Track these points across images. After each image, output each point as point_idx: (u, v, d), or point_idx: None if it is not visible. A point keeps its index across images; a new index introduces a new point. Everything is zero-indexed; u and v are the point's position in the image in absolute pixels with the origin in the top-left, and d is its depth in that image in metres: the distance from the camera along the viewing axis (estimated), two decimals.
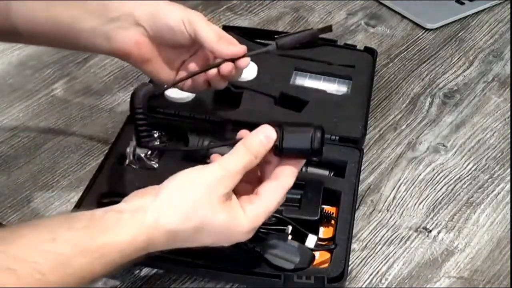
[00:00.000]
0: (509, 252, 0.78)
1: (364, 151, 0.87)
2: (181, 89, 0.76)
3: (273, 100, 0.92)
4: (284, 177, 0.62)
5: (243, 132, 0.64)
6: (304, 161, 0.65)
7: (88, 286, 0.55)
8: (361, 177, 0.84)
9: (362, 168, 0.85)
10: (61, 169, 0.87)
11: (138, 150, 0.83)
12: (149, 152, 0.83)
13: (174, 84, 0.73)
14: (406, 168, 0.89)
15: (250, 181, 0.64)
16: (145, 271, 0.75)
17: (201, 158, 0.82)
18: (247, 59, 0.71)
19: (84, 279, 0.54)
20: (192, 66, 0.74)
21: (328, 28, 0.74)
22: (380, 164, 0.89)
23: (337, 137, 0.86)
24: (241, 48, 0.70)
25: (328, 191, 0.79)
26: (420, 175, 0.88)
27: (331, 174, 0.83)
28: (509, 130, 0.94)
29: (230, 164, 0.60)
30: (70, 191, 0.84)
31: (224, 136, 0.85)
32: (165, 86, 0.75)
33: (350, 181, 0.81)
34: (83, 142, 0.91)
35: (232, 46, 0.70)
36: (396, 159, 0.90)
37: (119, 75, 1.02)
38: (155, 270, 0.75)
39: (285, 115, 0.89)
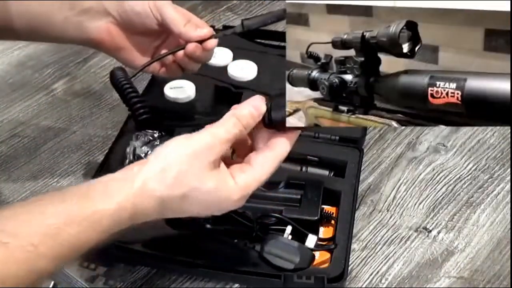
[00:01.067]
0: (509, 252, 0.78)
1: (364, 151, 0.87)
2: (157, 74, 0.78)
3: None
4: (278, 147, 0.62)
5: (236, 106, 0.63)
6: (299, 132, 0.64)
7: (81, 255, 0.56)
8: (361, 177, 0.84)
9: (362, 168, 0.85)
10: (61, 169, 0.87)
11: (138, 150, 0.83)
12: (149, 152, 0.83)
13: (143, 68, 0.74)
14: (406, 168, 0.89)
15: (241, 151, 0.64)
16: (145, 271, 0.75)
17: None
18: (214, 40, 0.72)
19: (77, 249, 0.55)
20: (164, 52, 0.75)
21: None
22: (380, 164, 0.89)
23: (337, 137, 0.86)
24: (207, 31, 0.72)
25: (328, 191, 0.79)
26: (420, 175, 0.88)
27: (331, 174, 0.83)
28: (509, 130, 0.94)
29: (219, 132, 0.59)
30: None
31: None
32: (137, 70, 0.75)
33: (350, 181, 0.81)
34: (83, 142, 0.91)
35: (199, 29, 0.71)
36: (396, 159, 0.90)
37: None
38: (155, 270, 0.75)
39: None
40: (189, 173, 0.57)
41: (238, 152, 0.64)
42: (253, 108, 0.61)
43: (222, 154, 0.59)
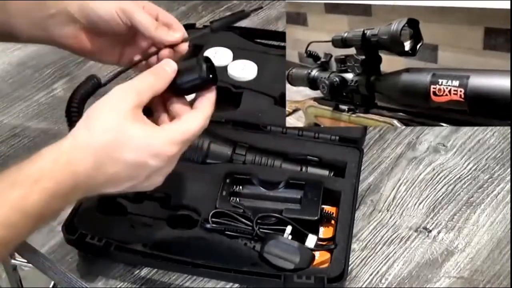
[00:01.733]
0: (509, 252, 0.78)
1: (364, 151, 0.87)
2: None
3: (273, 100, 0.92)
4: (201, 106, 0.64)
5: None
6: (213, 92, 0.66)
7: (45, 223, 0.57)
8: (361, 177, 0.84)
9: (362, 168, 0.85)
10: None
11: None
12: None
13: (116, 76, 0.72)
14: (406, 168, 0.89)
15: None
16: (145, 271, 0.75)
17: (202, 157, 0.82)
18: (186, 44, 0.70)
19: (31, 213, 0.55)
20: (135, 52, 0.73)
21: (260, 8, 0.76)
22: (380, 164, 0.89)
23: (337, 137, 0.86)
24: (179, 35, 0.70)
25: (328, 191, 0.79)
26: (420, 175, 0.88)
27: (331, 174, 0.83)
28: (509, 130, 0.94)
29: (133, 82, 0.62)
30: None
31: (224, 136, 0.85)
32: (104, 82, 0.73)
33: (350, 181, 0.81)
34: None
35: (171, 33, 0.70)
36: (396, 159, 0.90)
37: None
38: (155, 270, 0.75)
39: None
40: (111, 120, 0.59)
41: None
42: (164, 63, 0.65)
43: (140, 105, 0.61)
